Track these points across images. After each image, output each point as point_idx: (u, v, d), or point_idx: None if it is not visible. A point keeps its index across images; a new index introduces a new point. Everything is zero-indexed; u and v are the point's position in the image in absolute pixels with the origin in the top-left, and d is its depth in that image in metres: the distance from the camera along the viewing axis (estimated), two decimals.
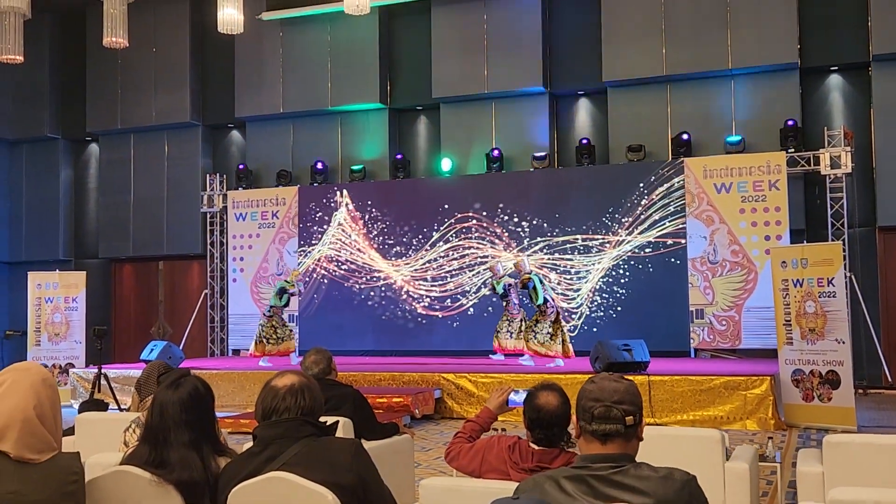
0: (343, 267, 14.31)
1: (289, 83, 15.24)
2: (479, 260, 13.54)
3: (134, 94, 16.20)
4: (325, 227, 14.52)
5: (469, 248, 13.64)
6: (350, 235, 14.33)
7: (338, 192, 14.50)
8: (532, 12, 13.84)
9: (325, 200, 14.57)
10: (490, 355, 11.91)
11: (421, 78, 14.63)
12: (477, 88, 14.08)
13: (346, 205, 14.41)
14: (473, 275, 13.50)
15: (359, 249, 14.23)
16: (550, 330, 10.92)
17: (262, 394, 2.77)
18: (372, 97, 14.74)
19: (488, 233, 13.54)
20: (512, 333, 11.76)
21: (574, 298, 12.99)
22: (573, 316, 12.96)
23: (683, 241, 12.51)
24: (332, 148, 15.18)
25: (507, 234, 13.44)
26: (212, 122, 16.30)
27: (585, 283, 12.96)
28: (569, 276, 13.04)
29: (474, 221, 13.62)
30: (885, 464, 3.85)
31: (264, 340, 12.31)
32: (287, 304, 12.65)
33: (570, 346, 10.93)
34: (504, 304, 11.90)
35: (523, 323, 11.57)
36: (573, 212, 13.10)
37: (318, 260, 14.48)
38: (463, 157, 14.24)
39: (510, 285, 11.78)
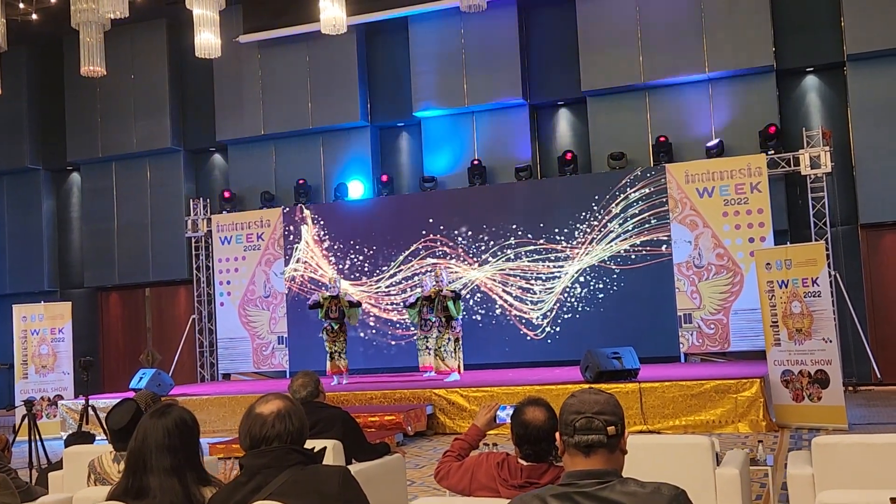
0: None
1: (269, 105, 15.25)
2: (463, 276, 13.54)
3: (114, 122, 16.17)
4: (324, 246, 14.50)
5: (449, 264, 13.64)
6: (329, 255, 14.32)
7: (302, 211, 14.52)
8: (509, 25, 13.92)
9: (309, 220, 14.56)
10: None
11: (401, 94, 14.67)
12: (457, 102, 14.14)
13: (313, 224, 14.42)
14: (460, 289, 13.48)
15: (341, 269, 14.20)
16: (454, 346, 11.59)
17: (248, 421, 2.72)
18: (353, 115, 14.76)
19: (472, 247, 13.55)
20: (431, 350, 11.91)
21: (558, 306, 13.00)
22: (557, 322, 12.97)
23: (668, 247, 12.55)
24: (315, 167, 15.18)
25: (490, 246, 13.44)
26: (193, 146, 16.29)
27: (571, 291, 12.97)
28: (552, 284, 13.05)
29: (459, 237, 13.63)
30: (873, 463, 3.86)
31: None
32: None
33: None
34: (422, 321, 11.95)
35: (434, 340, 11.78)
36: (557, 221, 13.13)
37: (293, 279, 14.44)
38: (446, 170, 14.26)
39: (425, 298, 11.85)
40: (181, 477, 2.83)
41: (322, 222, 14.45)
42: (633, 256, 12.72)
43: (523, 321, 13.21)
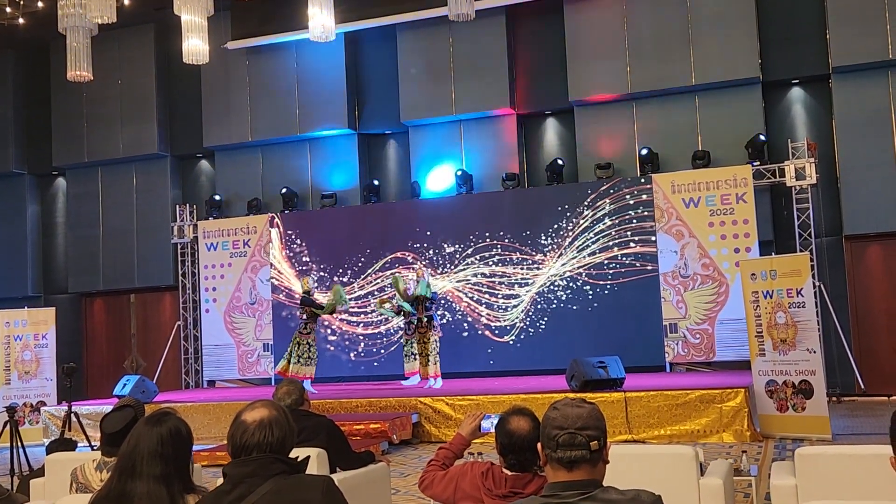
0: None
1: (257, 111, 15.23)
2: (447, 283, 13.54)
3: (100, 127, 16.10)
4: (300, 254, 14.47)
5: (435, 274, 13.64)
6: (308, 263, 14.29)
7: (273, 220, 14.56)
8: (497, 34, 13.95)
9: (297, 227, 14.53)
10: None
11: (389, 102, 14.68)
12: (445, 111, 14.16)
13: (286, 231, 14.44)
14: (445, 296, 13.49)
15: (330, 275, 14.17)
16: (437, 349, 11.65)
17: (232, 428, 2.71)
18: (340, 123, 14.76)
19: (457, 255, 13.55)
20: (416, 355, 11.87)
21: (543, 314, 13.01)
22: (542, 331, 12.98)
23: (654, 257, 12.59)
24: (302, 175, 15.16)
25: (475, 254, 13.45)
26: (180, 152, 16.23)
27: (557, 300, 12.99)
28: (538, 292, 13.07)
29: (446, 245, 13.63)
30: (856, 474, 3.88)
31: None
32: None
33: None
34: (407, 322, 11.92)
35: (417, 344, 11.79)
36: (543, 230, 13.15)
37: (274, 288, 14.41)
38: (433, 179, 14.26)
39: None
40: (169, 485, 2.82)
41: (301, 230, 14.42)
42: (619, 266, 12.75)
43: (508, 329, 13.22)
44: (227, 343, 14.78)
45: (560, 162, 13.53)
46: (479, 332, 13.33)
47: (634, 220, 12.73)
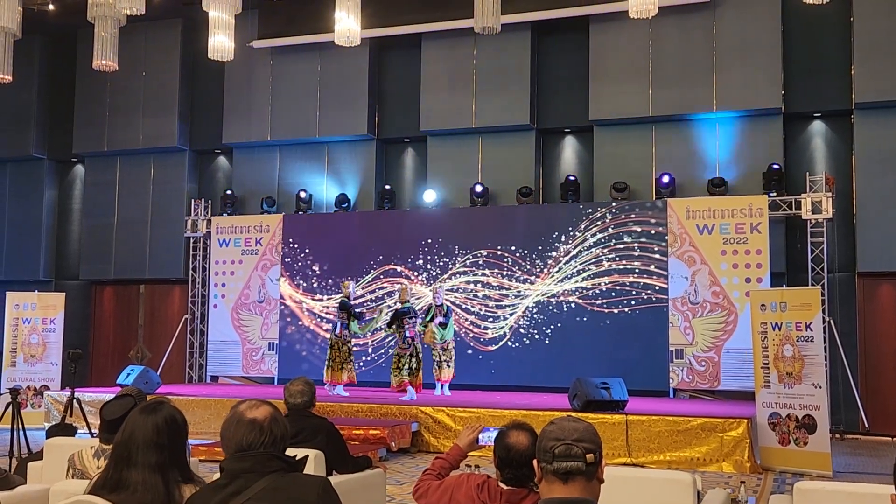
0: (321, 298, 14.27)
1: (277, 111, 15.30)
2: (453, 295, 13.54)
3: (122, 117, 16.20)
4: (308, 255, 14.49)
5: (448, 281, 13.64)
6: (315, 267, 14.31)
7: (279, 220, 14.63)
8: (521, 49, 13.98)
9: (309, 229, 14.57)
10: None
11: (409, 110, 14.71)
12: (464, 122, 14.18)
13: (281, 235, 14.53)
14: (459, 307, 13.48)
15: (329, 280, 14.19)
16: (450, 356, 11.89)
17: (232, 424, 2.72)
18: (360, 128, 14.80)
19: (466, 266, 13.55)
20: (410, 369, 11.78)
21: (550, 331, 12.98)
22: (547, 348, 12.95)
23: (665, 282, 12.56)
24: (318, 177, 15.21)
25: (489, 267, 13.44)
26: (199, 147, 16.31)
27: (564, 318, 12.96)
28: (547, 309, 13.05)
29: (458, 255, 13.63)
30: None
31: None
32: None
33: None
34: (399, 335, 11.90)
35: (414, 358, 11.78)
36: (556, 247, 13.13)
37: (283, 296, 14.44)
38: (448, 189, 14.28)
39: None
40: (164, 475, 2.84)
41: (310, 233, 14.45)
42: (628, 288, 12.71)
43: (514, 344, 13.19)
44: (232, 339, 14.81)
45: (576, 180, 13.51)
46: (483, 343, 13.31)
47: (647, 244, 12.70)
